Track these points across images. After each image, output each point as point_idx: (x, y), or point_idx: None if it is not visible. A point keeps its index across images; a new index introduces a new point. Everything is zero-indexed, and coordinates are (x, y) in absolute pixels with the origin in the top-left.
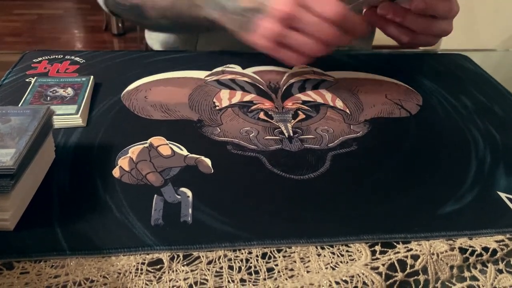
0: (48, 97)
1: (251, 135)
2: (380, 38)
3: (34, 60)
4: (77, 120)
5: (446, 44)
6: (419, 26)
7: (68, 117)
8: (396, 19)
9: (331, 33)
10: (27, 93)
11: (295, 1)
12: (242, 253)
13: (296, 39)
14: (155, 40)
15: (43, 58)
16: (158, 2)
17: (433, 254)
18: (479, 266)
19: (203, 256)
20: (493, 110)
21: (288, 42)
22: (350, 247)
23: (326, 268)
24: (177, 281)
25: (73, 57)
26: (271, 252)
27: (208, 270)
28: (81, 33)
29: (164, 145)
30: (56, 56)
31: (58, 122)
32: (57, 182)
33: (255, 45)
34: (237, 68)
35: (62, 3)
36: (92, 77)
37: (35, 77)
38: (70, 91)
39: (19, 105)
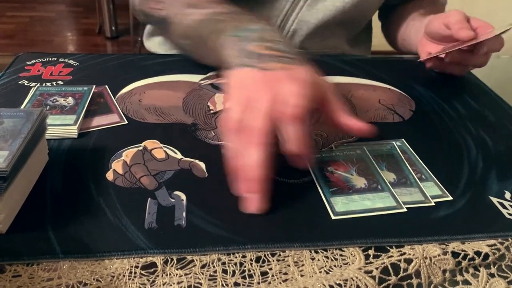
0: (48, 106)
1: None
2: (378, 44)
3: (27, 63)
4: (72, 132)
5: None
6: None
7: (64, 128)
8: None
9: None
10: (26, 101)
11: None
12: (236, 257)
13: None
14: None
15: (37, 60)
16: (184, 20)
17: (426, 258)
18: (471, 270)
19: (197, 260)
20: (484, 115)
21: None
22: (344, 251)
23: (320, 272)
24: (170, 285)
25: (66, 60)
26: (265, 256)
27: (202, 274)
28: (74, 36)
29: (158, 149)
30: (50, 59)
31: (52, 133)
32: (50, 185)
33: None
34: None
35: (55, 5)
36: (94, 86)
37: (36, 85)
38: (70, 100)
39: None
